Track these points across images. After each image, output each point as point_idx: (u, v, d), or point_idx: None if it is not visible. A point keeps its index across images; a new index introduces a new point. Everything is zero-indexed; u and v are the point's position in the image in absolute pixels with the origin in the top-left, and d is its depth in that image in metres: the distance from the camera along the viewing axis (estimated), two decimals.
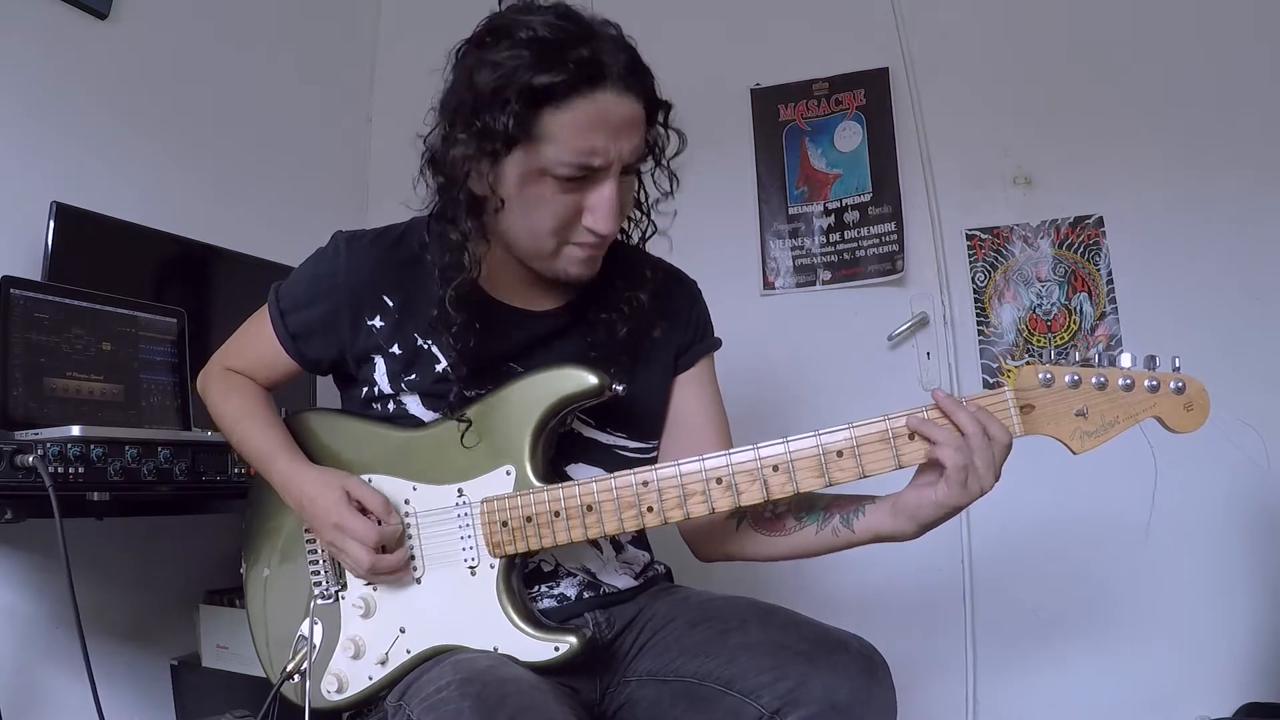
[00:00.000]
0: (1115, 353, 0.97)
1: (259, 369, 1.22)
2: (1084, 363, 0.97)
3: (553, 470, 1.10)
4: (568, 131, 0.96)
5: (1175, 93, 2.04)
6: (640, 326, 1.16)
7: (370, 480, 1.11)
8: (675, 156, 1.09)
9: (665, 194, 1.12)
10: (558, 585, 1.13)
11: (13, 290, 1.50)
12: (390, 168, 2.59)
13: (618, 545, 1.19)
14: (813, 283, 2.27)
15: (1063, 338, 2.09)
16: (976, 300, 2.17)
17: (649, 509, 1.01)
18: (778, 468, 0.99)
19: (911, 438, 0.97)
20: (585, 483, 1.03)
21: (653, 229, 1.16)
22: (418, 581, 1.09)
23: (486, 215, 1.06)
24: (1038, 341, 2.10)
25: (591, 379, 1.04)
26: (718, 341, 1.27)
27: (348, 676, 1.09)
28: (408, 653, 1.07)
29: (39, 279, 1.61)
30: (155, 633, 1.89)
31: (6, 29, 1.76)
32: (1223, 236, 1.99)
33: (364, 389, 1.16)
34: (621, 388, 1.09)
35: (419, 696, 0.94)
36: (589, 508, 1.02)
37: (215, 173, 2.18)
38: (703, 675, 1.03)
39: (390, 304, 1.13)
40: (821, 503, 1.11)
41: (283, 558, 1.18)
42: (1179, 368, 0.96)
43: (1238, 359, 1.90)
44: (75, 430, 1.31)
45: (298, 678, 1.09)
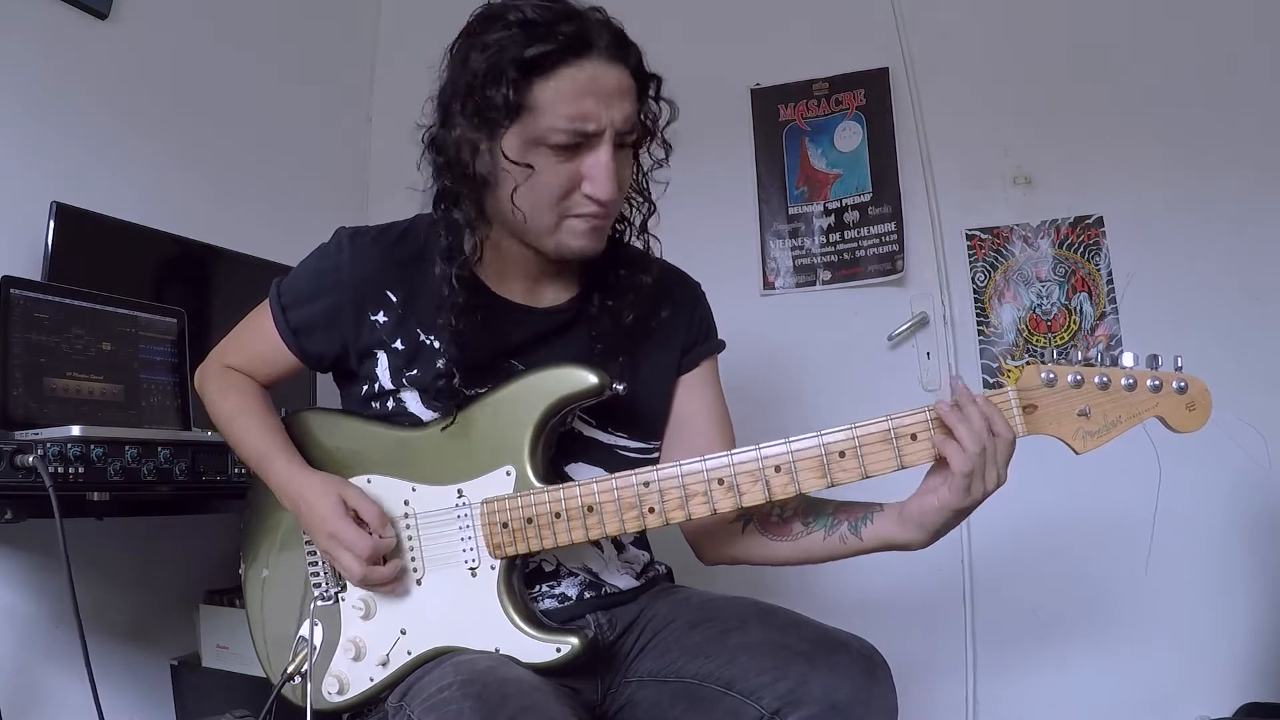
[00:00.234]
0: (1116, 352, 0.97)
1: (258, 365, 1.22)
2: (1086, 362, 0.97)
3: (553, 470, 1.10)
4: (558, 98, 0.99)
5: (1175, 93, 2.04)
6: (644, 315, 1.16)
7: (370, 481, 1.11)
8: (668, 125, 1.11)
9: (659, 162, 1.13)
10: (559, 585, 1.13)
11: (13, 290, 1.50)
12: (390, 168, 2.59)
13: (619, 545, 1.19)
14: (813, 283, 2.27)
15: (1063, 338, 2.09)
16: (976, 300, 2.16)
17: (650, 510, 1.01)
18: (780, 468, 0.99)
19: (914, 438, 0.97)
20: (586, 483, 1.03)
21: (651, 208, 1.16)
22: (418, 583, 1.08)
23: (488, 197, 1.06)
24: (1038, 341, 2.10)
25: (591, 378, 1.04)
26: (721, 344, 1.27)
27: (349, 678, 1.09)
28: (409, 654, 1.07)
29: (39, 279, 1.61)
30: (155, 633, 1.89)
31: (6, 29, 1.76)
32: (1223, 236, 1.99)
33: (364, 386, 1.16)
34: (622, 387, 1.09)
35: (420, 697, 0.94)
36: (590, 508, 1.02)
37: (215, 173, 2.18)
38: (703, 676, 1.03)
39: (394, 299, 1.13)
40: (829, 509, 1.10)
41: (282, 558, 1.18)
42: (1181, 367, 0.96)
43: (1238, 359, 1.90)
44: (75, 430, 1.31)
45: (298, 679, 1.09)
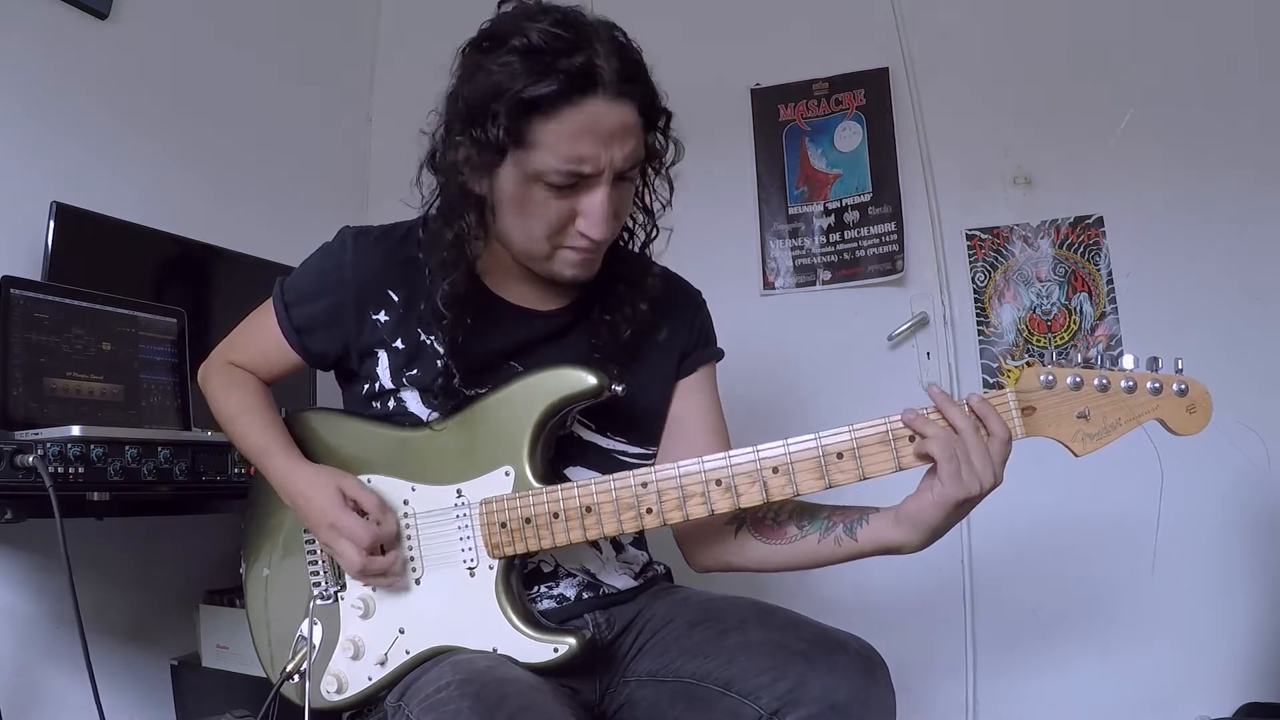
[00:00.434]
0: (1116, 353, 0.97)
1: (261, 363, 1.22)
2: (1086, 364, 0.97)
3: (551, 472, 1.10)
4: (557, 140, 0.97)
5: (1175, 93, 2.04)
6: (644, 329, 1.16)
7: (370, 480, 1.11)
8: (672, 165, 1.10)
9: (664, 204, 1.13)
10: (557, 586, 1.13)
11: (13, 290, 1.50)
12: (390, 168, 2.59)
13: (618, 545, 1.19)
14: (813, 283, 2.27)
15: (1063, 338, 2.09)
16: (976, 300, 2.16)
17: (648, 510, 1.01)
18: (777, 469, 0.99)
19: (912, 439, 0.97)
20: (584, 484, 1.03)
21: (656, 231, 1.16)
22: (417, 582, 1.08)
23: (484, 217, 1.06)
24: (1038, 341, 2.09)
25: (590, 379, 1.04)
26: (720, 352, 1.27)
27: (347, 677, 1.09)
28: (407, 653, 1.07)
29: (39, 279, 1.61)
30: (155, 633, 1.89)
31: (6, 29, 1.76)
32: (1223, 236, 1.99)
33: (365, 385, 1.16)
34: (621, 388, 1.09)
35: (418, 697, 0.95)
36: (588, 509, 1.02)
37: (215, 173, 2.18)
38: (701, 676, 1.03)
39: (395, 299, 1.13)
40: (824, 512, 1.10)
41: (282, 557, 1.18)
42: (1182, 370, 0.95)
43: (1237, 359, 1.90)
44: (75, 430, 1.31)
45: (297, 678, 1.09)
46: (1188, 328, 1.96)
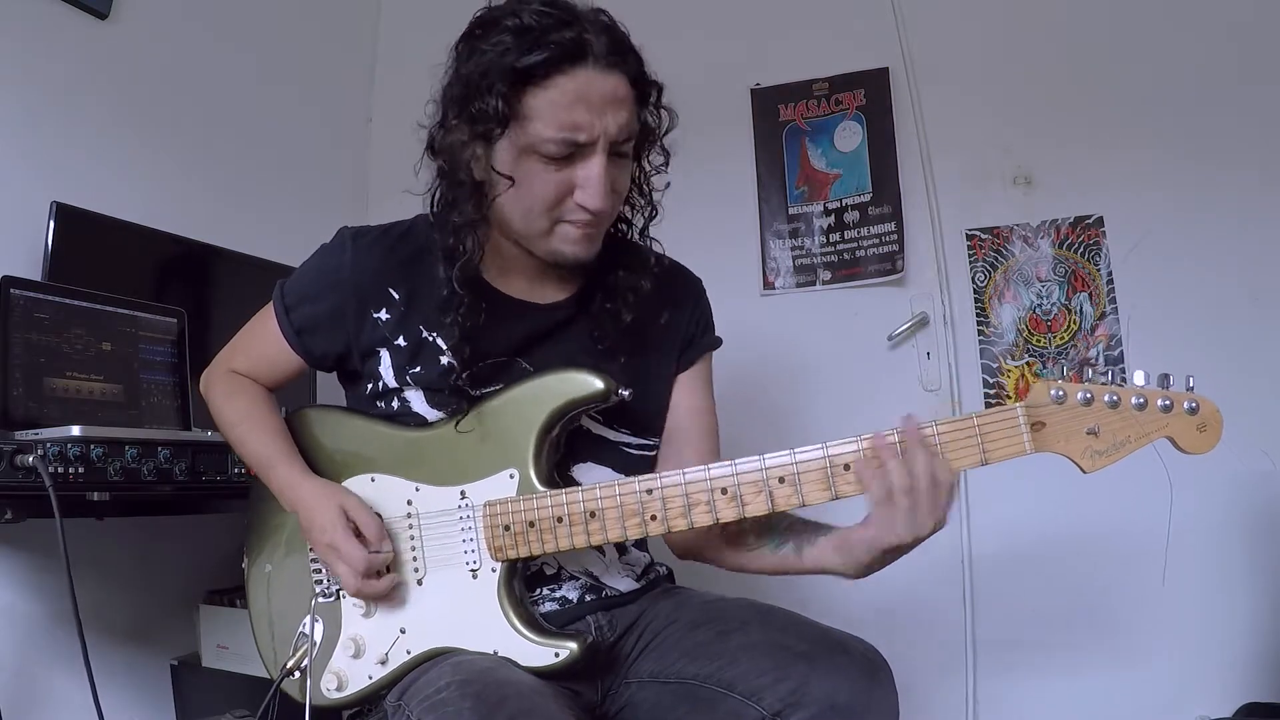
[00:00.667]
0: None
1: (263, 368, 1.22)
2: (1089, 367, 0.96)
3: (559, 471, 1.10)
4: (551, 108, 0.98)
5: (1175, 93, 2.04)
6: (645, 315, 1.16)
7: (374, 480, 1.11)
8: (667, 134, 1.11)
9: (658, 169, 1.13)
10: (559, 588, 1.13)
11: (13, 290, 1.50)
12: (390, 168, 2.59)
13: (621, 548, 1.18)
14: (813, 283, 2.27)
15: (1063, 338, 2.09)
16: (976, 300, 2.16)
17: (652, 517, 1.01)
18: (784, 479, 0.98)
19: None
20: (589, 489, 1.03)
21: (653, 212, 1.16)
22: (419, 583, 1.08)
23: (485, 200, 1.06)
24: (1038, 341, 2.09)
25: (598, 383, 1.04)
26: (718, 340, 1.27)
27: (348, 675, 1.09)
28: (408, 653, 1.07)
29: (39, 279, 1.61)
30: (155, 633, 1.89)
31: (6, 29, 1.75)
32: (1223, 237, 1.99)
33: (369, 384, 1.16)
34: (628, 392, 1.09)
35: (419, 696, 0.95)
36: (592, 514, 1.02)
37: (215, 173, 2.17)
38: (704, 677, 1.03)
39: (396, 297, 1.13)
40: (782, 525, 1.11)
41: (285, 554, 1.18)
42: (1193, 387, 0.94)
43: (1237, 359, 1.90)
44: (75, 430, 1.31)
45: (298, 674, 1.09)
46: (1188, 328, 1.96)
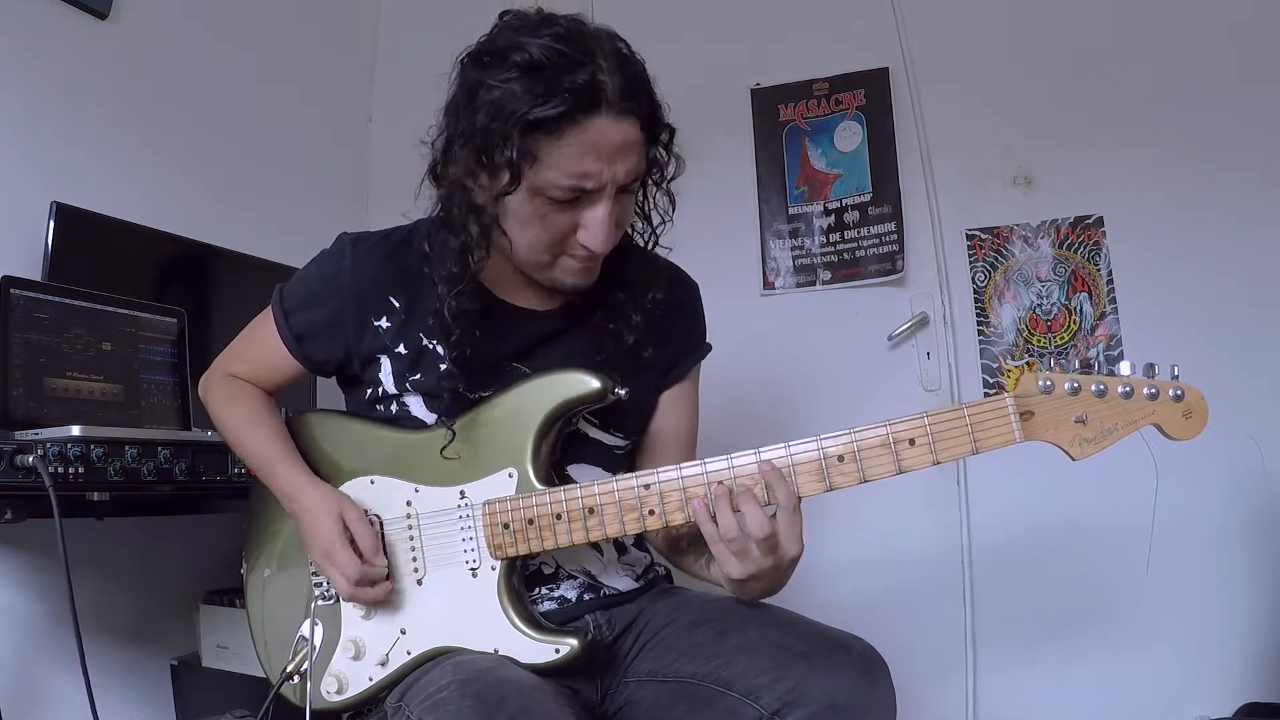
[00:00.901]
0: (1114, 353, 0.97)
1: (262, 372, 1.22)
2: (1084, 368, 0.98)
3: (555, 471, 1.10)
4: (561, 157, 0.97)
5: (1175, 93, 2.04)
6: (642, 337, 1.17)
7: (373, 481, 1.11)
8: (673, 180, 1.10)
9: (665, 218, 1.14)
10: (558, 587, 1.13)
11: (13, 290, 1.50)
12: (390, 168, 2.59)
13: (620, 547, 1.19)
14: (813, 283, 2.28)
15: (1063, 338, 2.09)
16: (976, 300, 2.17)
17: (650, 512, 1.01)
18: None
19: (912, 443, 0.97)
20: (587, 486, 1.03)
21: (655, 239, 1.16)
22: (419, 583, 1.09)
23: (487, 226, 1.06)
24: (1038, 342, 2.09)
25: (594, 383, 1.04)
26: (707, 348, 1.28)
27: (348, 677, 1.09)
28: (408, 654, 1.07)
29: (39, 279, 1.61)
30: (155, 633, 1.89)
31: (6, 29, 1.76)
32: (1223, 237, 1.99)
33: (369, 390, 1.16)
34: (625, 391, 1.09)
35: (419, 697, 0.95)
36: (590, 510, 1.02)
37: (215, 173, 2.18)
38: (702, 676, 1.04)
39: (396, 304, 1.13)
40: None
41: (284, 559, 1.18)
42: (1178, 375, 0.96)
43: (1237, 359, 1.90)
44: (75, 430, 1.31)
45: (297, 678, 1.09)
46: (1188, 328, 1.96)
